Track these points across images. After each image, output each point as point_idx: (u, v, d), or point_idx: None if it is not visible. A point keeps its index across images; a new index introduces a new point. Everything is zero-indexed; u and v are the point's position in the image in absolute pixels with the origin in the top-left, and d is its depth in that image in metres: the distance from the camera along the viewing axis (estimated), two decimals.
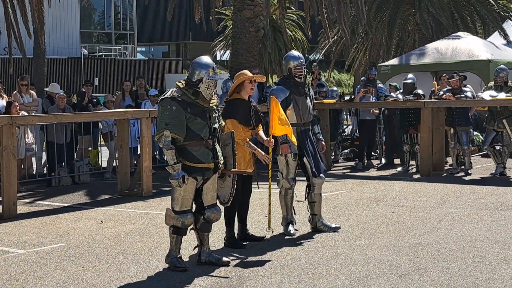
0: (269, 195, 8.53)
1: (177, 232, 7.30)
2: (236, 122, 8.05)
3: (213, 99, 7.35)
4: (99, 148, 15.80)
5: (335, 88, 18.47)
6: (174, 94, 7.18)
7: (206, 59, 7.44)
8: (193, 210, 7.42)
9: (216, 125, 7.36)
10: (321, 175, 8.88)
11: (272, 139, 8.26)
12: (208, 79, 7.24)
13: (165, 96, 7.21)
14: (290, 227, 8.83)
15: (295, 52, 9.11)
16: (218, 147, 7.39)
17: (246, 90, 8.17)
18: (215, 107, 7.37)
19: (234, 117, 8.05)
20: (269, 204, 8.58)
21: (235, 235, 8.31)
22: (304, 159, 8.78)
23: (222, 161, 7.40)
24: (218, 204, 7.54)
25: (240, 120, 8.07)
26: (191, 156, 7.17)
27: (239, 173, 7.82)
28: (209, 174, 7.29)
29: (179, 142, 7.14)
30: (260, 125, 8.37)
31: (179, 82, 7.35)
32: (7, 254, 8.13)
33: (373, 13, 27.09)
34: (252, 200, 8.64)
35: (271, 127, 8.22)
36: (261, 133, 8.36)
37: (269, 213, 8.58)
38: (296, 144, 8.55)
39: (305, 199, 9.07)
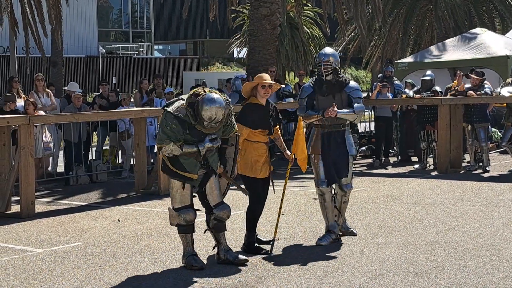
0: (282, 200, 8.25)
1: (184, 231, 7.33)
2: (242, 126, 7.82)
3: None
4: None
5: None
6: (178, 113, 7.13)
7: (215, 99, 7.09)
8: (201, 210, 7.46)
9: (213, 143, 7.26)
10: (326, 184, 8.31)
11: (293, 156, 8.13)
12: (210, 118, 7.07)
13: (170, 109, 7.17)
14: (327, 236, 8.29)
15: (324, 49, 8.70)
16: (213, 157, 7.35)
17: (260, 93, 8.03)
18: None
19: (242, 122, 7.84)
20: (280, 209, 8.28)
21: (254, 240, 8.16)
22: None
23: (219, 166, 7.40)
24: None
25: (249, 125, 7.86)
26: (177, 163, 7.23)
27: (231, 182, 7.63)
28: (192, 183, 7.29)
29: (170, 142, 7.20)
30: (278, 128, 8.27)
31: (188, 98, 7.19)
32: (26, 253, 8.18)
33: (389, 9, 26.99)
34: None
35: (294, 146, 8.13)
36: (281, 140, 8.32)
37: (278, 219, 8.22)
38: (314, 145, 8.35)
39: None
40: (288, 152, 8.27)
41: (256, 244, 7.98)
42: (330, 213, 8.37)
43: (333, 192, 8.46)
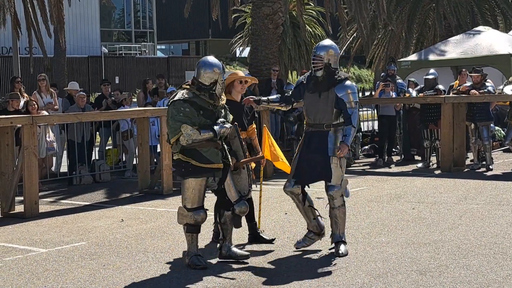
0: (260, 196, 8.41)
1: (192, 230, 7.32)
2: None
3: (222, 97, 7.37)
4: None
5: None
6: (186, 96, 7.15)
7: (212, 59, 7.36)
8: (215, 207, 7.48)
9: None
10: (292, 184, 7.73)
11: (265, 159, 8.03)
12: (222, 80, 7.26)
13: (176, 98, 7.18)
14: (303, 239, 7.97)
15: (322, 41, 8.00)
16: (226, 147, 7.40)
17: (237, 89, 8.01)
18: (221, 105, 7.39)
19: None
20: (260, 204, 8.41)
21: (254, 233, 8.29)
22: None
23: (231, 160, 7.42)
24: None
25: None
26: (200, 156, 7.17)
27: (251, 161, 7.80)
28: (219, 175, 7.29)
29: (188, 144, 7.15)
30: (253, 127, 8.30)
31: (186, 84, 7.31)
32: (29, 253, 8.19)
33: (393, 6, 26.96)
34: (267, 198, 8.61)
35: (263, 150, 8.09)
36: (256, 141, 8.33)
37: (259, 212, 8.37)
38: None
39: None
40: (259, 149, 8.29)
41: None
42: (304, 214, 7.97)
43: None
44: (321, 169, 7.64)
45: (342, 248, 7.59)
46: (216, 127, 7.14)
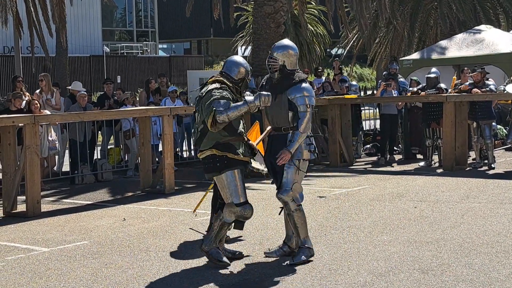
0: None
1: (240, 227, 7.33)
2: None
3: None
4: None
5: (354, 83, 18.37)
6: (221, 86, 7.21)
7: (240, 59, 7.52)
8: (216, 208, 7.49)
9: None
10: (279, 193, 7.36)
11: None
12: (247, 80, 7.47)
13: (213, 87, 7.17)
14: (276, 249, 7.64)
15: (279, 41, 7.74)
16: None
17: None
18: None
19: None
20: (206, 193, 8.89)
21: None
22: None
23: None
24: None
25: None
26: (234, 149, 7.20)
27: (263, 138, 8.04)
28: (247, 169, 7.37)
29: (224, 137, 7.17)
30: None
31: (219, 78, 7.31)
32: (32, 252, 8.20)
33: (396, 5, 26.96)
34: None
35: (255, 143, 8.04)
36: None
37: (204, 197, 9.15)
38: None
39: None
40: None
41: None
42: (286, 224, 7.67)
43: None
44: (279, 172, 7.37)
45: (303, 256, 7.27)
46: (249, 98, 7.15)
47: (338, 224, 9.12)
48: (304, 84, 7.35)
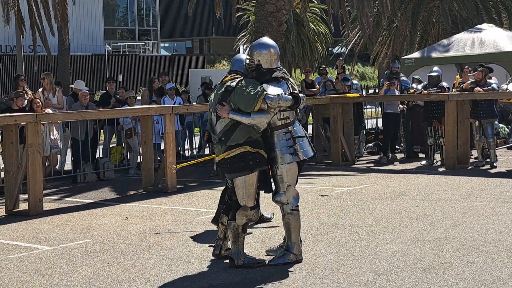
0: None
1: (245, 230, 7.15)
2: None
3: None
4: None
5: (355, 81, 18.36)
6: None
7: (244, 55, 7.46)
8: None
9: None
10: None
11: None
12: None
13: (238, 80, 7.04)
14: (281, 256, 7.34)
15: (259, 39, 7.60)
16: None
17: None
18: None
19: None
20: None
21: None
22: None
23: None
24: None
25: None
26: (263, 146, 7.06)
27: None
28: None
29: (257, 133, 7.02)
30: None
31: (236, 75, 7.19)
32: (34, 250, 8.20)
33: (397, 4, 26.93)
34: None
35: None
36: None
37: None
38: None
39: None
40: None
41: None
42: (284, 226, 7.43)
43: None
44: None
45: (285, 259, 7.17)
46: (301, 94, 7.15)
47: (340, 222, 9.12)
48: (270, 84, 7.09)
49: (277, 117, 7.15)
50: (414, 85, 15.74)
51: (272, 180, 7.29)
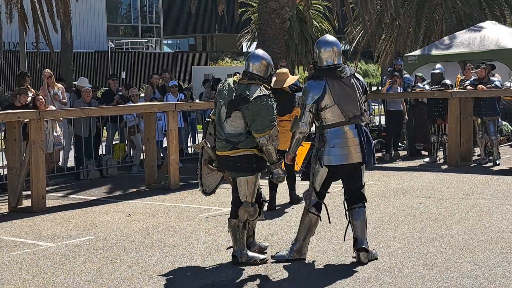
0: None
1: (245, 226, 7.26)
2: None
3: None
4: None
5: None
6: (267, 92, 7.12)
7: (264, 54, 7.60)
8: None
9: None
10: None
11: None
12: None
13: (264, 93, 7.04)
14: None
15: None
16: None
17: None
18: None
19: None
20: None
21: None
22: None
23: None
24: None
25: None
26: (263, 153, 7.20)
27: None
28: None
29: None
30: (297, 108, 8.78)
31: (257, 82, 7.17)
32: (37, 247, 8.22)
33: (400, 1, 26.92)
34: None
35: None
36: None
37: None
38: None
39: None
40: None
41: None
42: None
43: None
44: None
45: (287, 255, 7.28)
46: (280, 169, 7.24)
47: (343, 220, 9.10)
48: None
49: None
50: (421, 85, 15.70)
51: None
